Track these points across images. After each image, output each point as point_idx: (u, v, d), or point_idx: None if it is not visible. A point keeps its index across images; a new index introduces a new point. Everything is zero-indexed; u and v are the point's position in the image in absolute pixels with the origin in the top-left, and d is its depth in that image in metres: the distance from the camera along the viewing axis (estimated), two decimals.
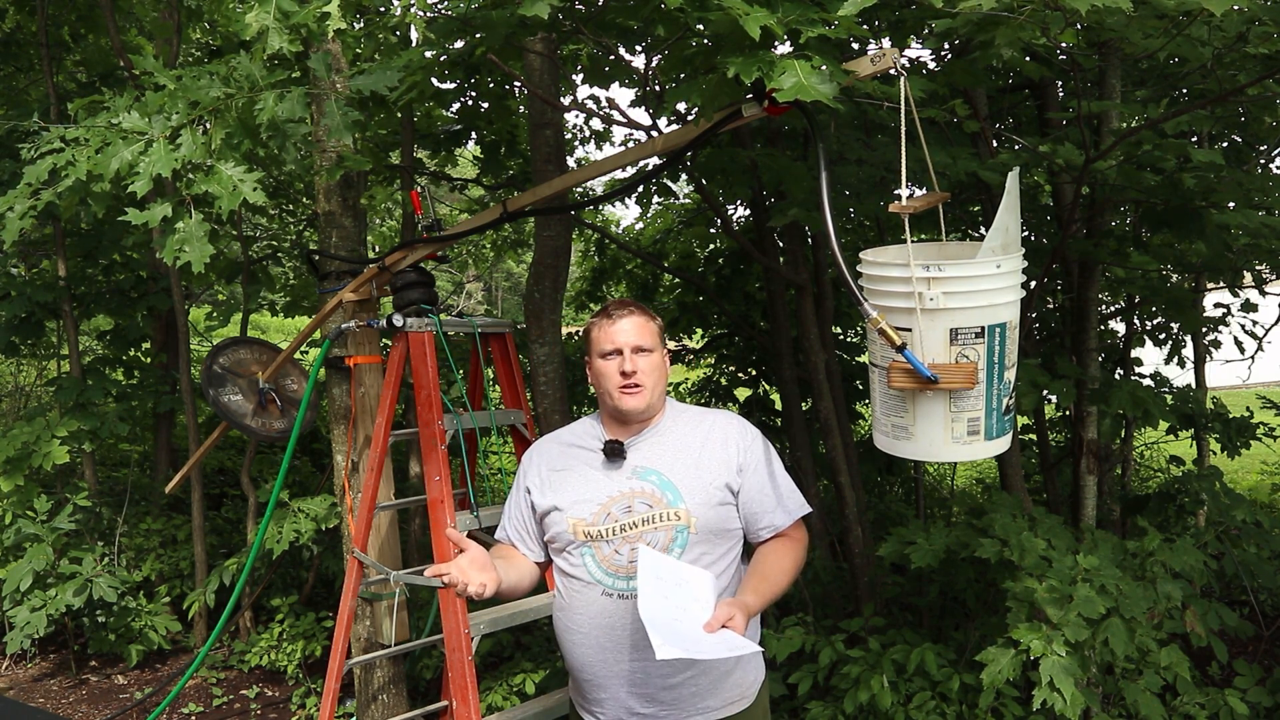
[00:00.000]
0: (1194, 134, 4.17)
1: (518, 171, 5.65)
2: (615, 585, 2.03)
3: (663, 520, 2.02)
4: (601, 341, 2.10)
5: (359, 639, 3.57)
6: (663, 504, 2.03)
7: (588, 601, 2.04)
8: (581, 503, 2.06)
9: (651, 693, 2.01)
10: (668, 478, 2.06)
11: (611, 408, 2.11)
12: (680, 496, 2.03)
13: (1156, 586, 3.00)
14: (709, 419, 2.17)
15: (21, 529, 4.47)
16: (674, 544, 2.01)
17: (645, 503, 2.03)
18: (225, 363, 3.86)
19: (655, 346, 2.12)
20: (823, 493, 5.38)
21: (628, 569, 2.01)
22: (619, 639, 2.01)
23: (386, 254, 3.27)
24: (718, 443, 2.11)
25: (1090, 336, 4.00)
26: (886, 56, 1.98)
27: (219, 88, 2.47)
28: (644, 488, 2.05)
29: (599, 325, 2.12)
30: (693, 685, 2.01)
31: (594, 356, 2.12)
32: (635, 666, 2.00)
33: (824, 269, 4.79)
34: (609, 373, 2.09)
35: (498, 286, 22.91)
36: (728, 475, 2.08)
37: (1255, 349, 5.47)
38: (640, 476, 2.06)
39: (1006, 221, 1.90)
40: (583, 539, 2.05)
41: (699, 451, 2.10)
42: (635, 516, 2.03)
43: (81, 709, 4.54)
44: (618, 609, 2.02)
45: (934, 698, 3.07)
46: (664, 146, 2.53)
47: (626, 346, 2.08)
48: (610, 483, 2.07)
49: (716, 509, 2.05)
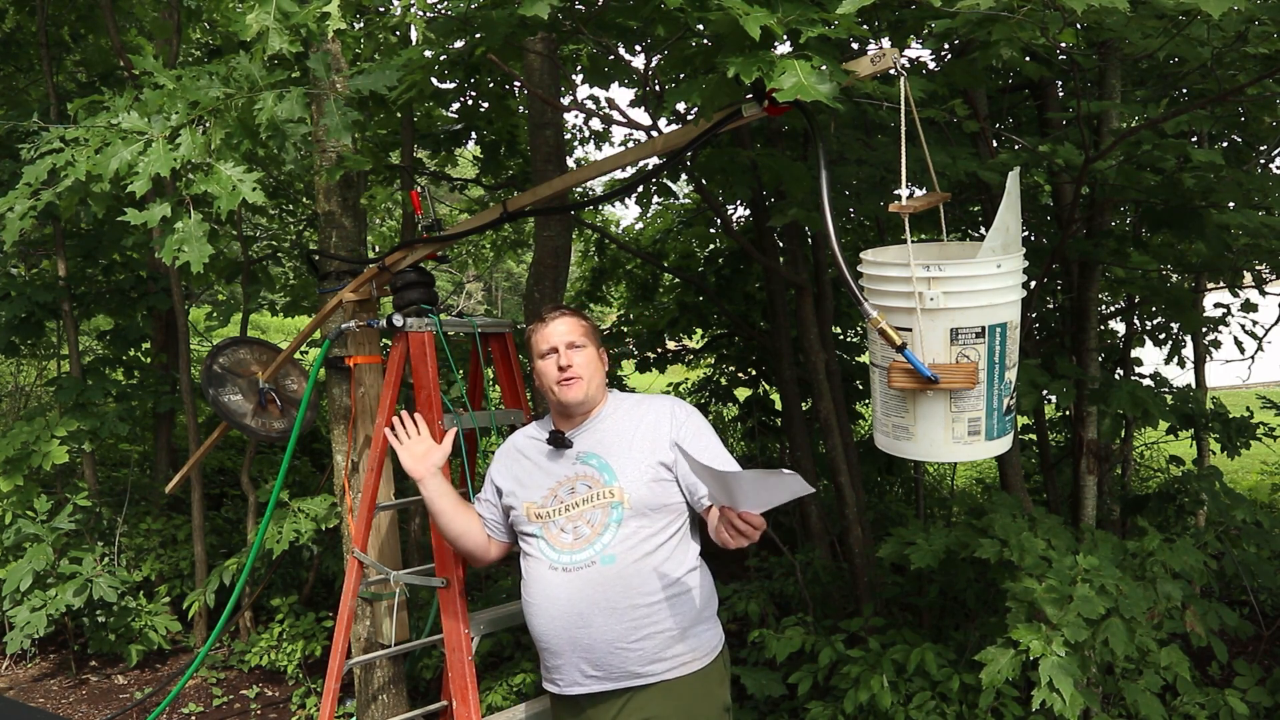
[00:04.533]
0: (1194, 134, 4.16)
1: (518, 171, 5.64)
2: (560, 560, 2.22)
3: (600, 499, 2.23)
4: (539, 343, 2.35)
5: (359, 639, 3.56)
6: (599, 484, 2.24)
7: (539, 576, 2.25)
8: (533, 488, 2.31)
9: (597, 658, 2.18)
10: (605, 460, 2.27)
11: (555, 402, 2.34)
12: (615, 476, 2.24)
13: (1156, 586, 3.00)
14: (645, 404, 2.38)
15: (21, 529, 4.46)
16: (610, 519, 2.20)
17: (586, 484, 2.26)
18: (225, 363, 3.86)
19: (588, 343, 2.35)
20: (823, 493, 5.38)
21: (571, 545, 2.22)
22: (566, 610, 2.19)
23: (386, 254, 3.27)
24: (650, 424, 2.31)
25: (1090, 336, 4.00)
26: (886, 56, 1.98)
27: (219, 88, 2.47)
28: (585, 471, 2.27)
29: (535, 330, 2.37)
30: (638, 649, 2.17)
31: (534, 359, 2.37)
32: (582, 634, 2.18)
33: (824, 269, 4.79)
34: (548, 370, 2.32)
35: (498, 286, 22.91)
36: (660, 453, 2.26)
37: (1255, 349, 5.47)
38: (583, 461, 2.29)
39: (1007, 221, 1.90)
40: (535, 520, 2.28)
41: (633, 434, 2.29)
42: (577, 497, 2.25)
43: (81, 709, 4.54)
44: (565, 582, 2.20)
45: (934, 698, 3.07)
46: (664, 146, 2.53)
47: (561, 344, 2.31)
48: (557, 469, 2.31)
49: (650, 485, 2.22)
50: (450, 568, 2.91)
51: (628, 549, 2.18)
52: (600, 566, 2.18)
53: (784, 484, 1.79)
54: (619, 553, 2.18)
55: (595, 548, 2.20)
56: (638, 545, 2.19)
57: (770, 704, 3.65)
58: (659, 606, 2.19)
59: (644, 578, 2.18)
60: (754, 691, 3.36)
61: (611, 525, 2.20)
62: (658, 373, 6.66)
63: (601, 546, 2.20)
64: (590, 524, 2.21)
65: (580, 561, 2.20)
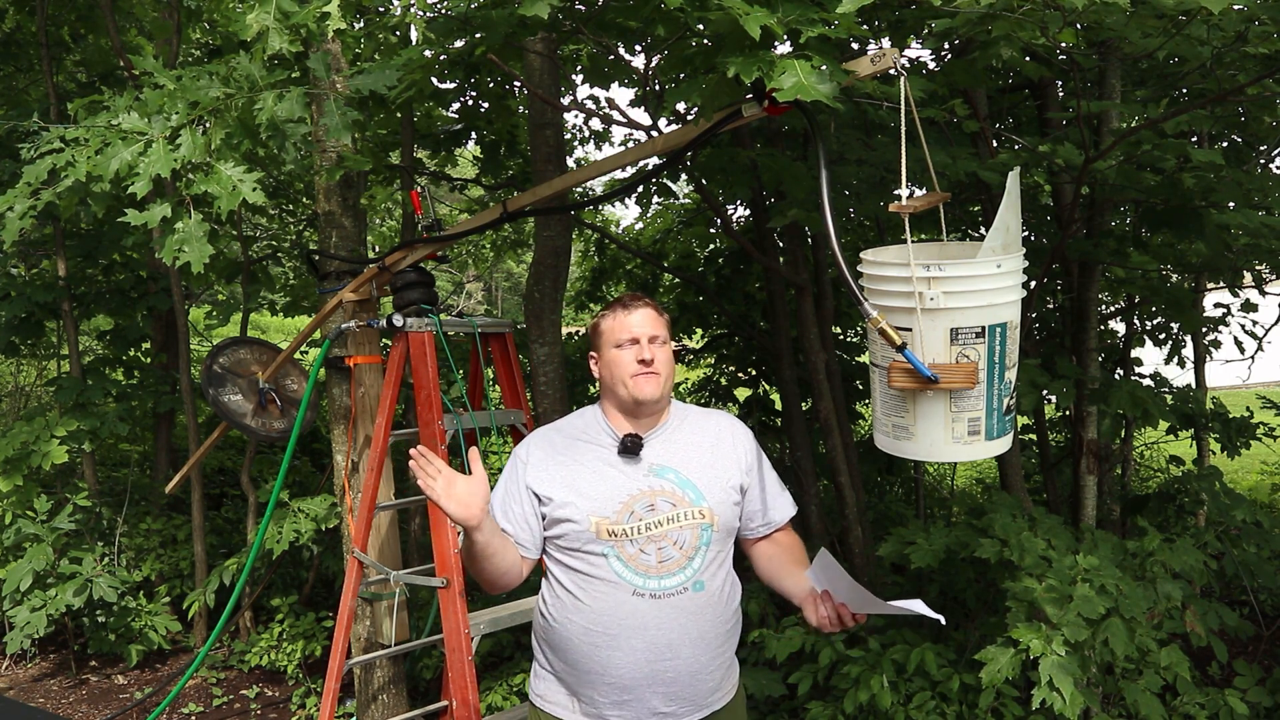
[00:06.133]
0: (1194, 134, 4.16)
1: (518, 171, 5.64)
2: (646, 585, 1.99)
3: (688, 519, 2.02)
4: (616, 331, 2.08)
5: (359, 639, 3.57)
6: (686, 502, 2.02)
7: (617, 604, 1.99)
8: (599, 500, 2.00)
9: (678, 690, 2.00)
10: (686, 476, 2.06)
11: (626, 397, 2.06)
12: (702, 495, 2.04)
13: (1156, 586, 3.00)
14: (714, 419, 2.19)
15: (21, 529, 4.47)
16: (700, 543, 2.02)
17: (668, 501, 2.02)
18: (225, 363, 3.86)
19: (667, 339, 2.12)
20: (823, 493, 5.38)
21: (656, 569, 1.99)
22: (655, 640, 1.98)
23: (386, 254, 3.27)
24: (728, 443, 2.14)
25: (1090, 336, 4.00)
26: (886, 56, 1.98)
27: (219, 88, 2.47)
28: (664, 485, 2.03)
29: (612, 316, 2.11)
30: (710, 679, 2.04)
31: (606, 347, 2.09)
32: (668, 667, 1.98)
33: (824, 269, 4.79)
34: (624, 361, 2.06)
35: (498, 286, 22.90)
36: (740, 475, 2.11)
37: (1255, 349, 5.46)
38: (658, 474, 2.04)
39: (1007, 221, 1.90)
40: (606, 538, 1.99)
41: (712, 450, 2.11)
42: (659, 515, 2.00)
43: (81, 709, 4.54)
44: (654, 610, 1.98)
45: (934, 698, 3.07)
46: (664, 146, 2.53)
47: (644, 335, 2.07)
48: (628, 480, 2.03)
49: (732, 508, 2.08)
50: (450, 568, 2.91)
51: (712, 574, 2.04)
52: (692, 594, 2.00)
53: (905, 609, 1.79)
54: (707, 579, 2.03)
55: (687, 573, 2.00)
56: (718, 570, 2.06)
57: (770, 704, 3.65)
58: (731, 634, 2.09)
59: (726, 604, 2.07)
60: (754, 691, 3.35)
61: (701, 549, 2.02)
62: None
63: (693, 572, 2.01)
64: (679, 546, 2.00)
65: (671, 588, 1.99)
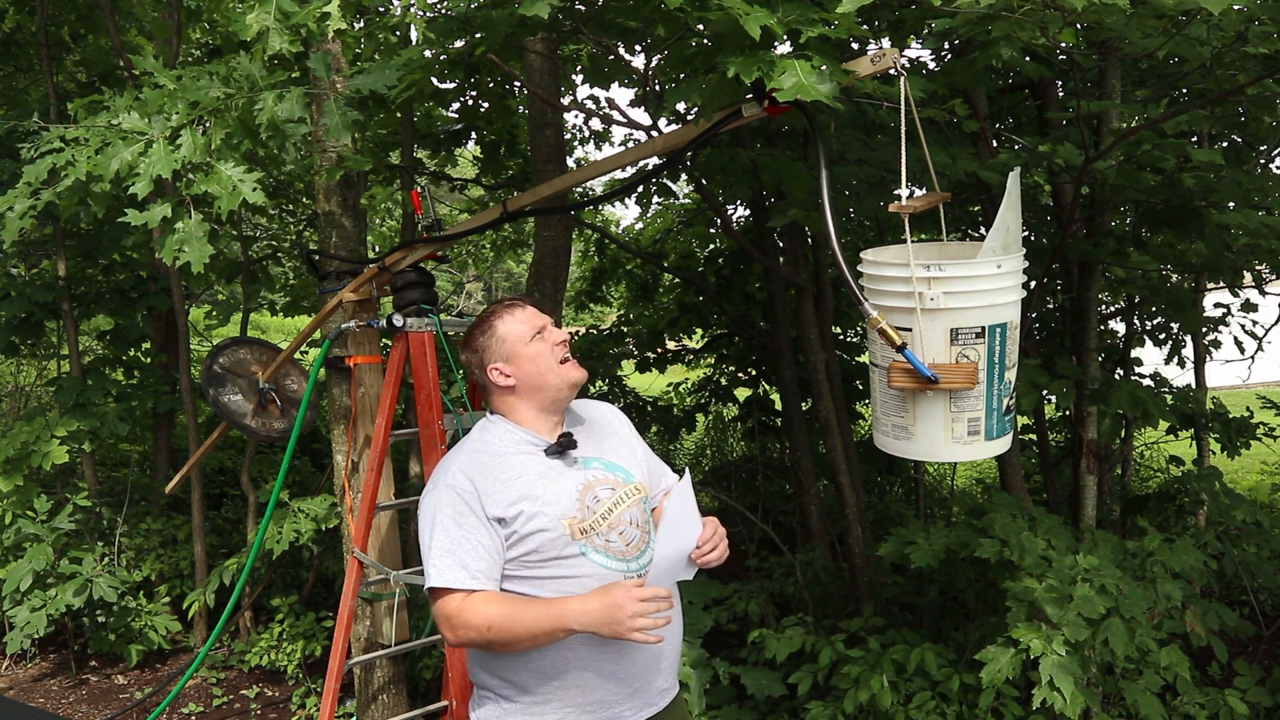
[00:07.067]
0: (1194, 134, 4.17)
1: (518, 171, 5.64)
2: (630, 568, 1.95)
3: (629, 497, 2.02)
4: (519, 328, 2.02)
5: (359, 639, 3.56)
6: (620, 484, 2.02)
7: None
8: (563, 501, 1.95)
9: (671, 662, 2.03)
10: (608, 460, 2.06)
11: (559, 385, 2.02)
12: (630, 474, 2.06)
13: (1156, 586, 3.00)
14: (593, 406, 2.20)
15: (21, 529, 4.46)
16: (646, 516, 2.05)
17: (606, 487, 2.00)
18: (225, 363, 3.86)
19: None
20: (823, 493, 5.38)
21: (628, 551, 1.97)
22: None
23: (386, 254, 3.27)
24: (616, 423, 2.18)
25: (1090, 336, 4.00)
26: (886, 56, 1.98)
27: (219, 88, 2.47)
28: (596, 475, 2.01)
29: (504, 320, 2.04)
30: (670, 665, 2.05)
31: (517, 347, 2.01)
32: (668, 640, 1.95)
33: (824, 269, 4.79)
34: (545, 352, 2.01)
35: (498, 286, 22.90)
36: (640, 448, 2.17)
37: (1255, 349, 5.47)
38: (585, 465, 2.02)
39: (1007, 221, 1.90)
40: (579, 536, 1.93)
41: (612, 433, 2.14)
42: (606, 503, 1.98)
43: (81, 709, 4.54)
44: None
45: (934, 698, 3.07)
46: (664, 146, 2.53)
47: (545, 323, 2.04)
48: (569, 478, 1.99)
49: (650, 478, 2.14)
50: None
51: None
52: None
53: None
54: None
55: (651, 549, 1.98)
56: None
57: (770, 704, 3.65)
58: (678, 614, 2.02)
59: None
60: (754, 691, 3.36)
61: (650, 522, 2.03)
62: (658, 373, 6.65)
63: (652, 545, 1.99)
64: (635, 525, 1.99)
65: (647, 565, 1.95)
